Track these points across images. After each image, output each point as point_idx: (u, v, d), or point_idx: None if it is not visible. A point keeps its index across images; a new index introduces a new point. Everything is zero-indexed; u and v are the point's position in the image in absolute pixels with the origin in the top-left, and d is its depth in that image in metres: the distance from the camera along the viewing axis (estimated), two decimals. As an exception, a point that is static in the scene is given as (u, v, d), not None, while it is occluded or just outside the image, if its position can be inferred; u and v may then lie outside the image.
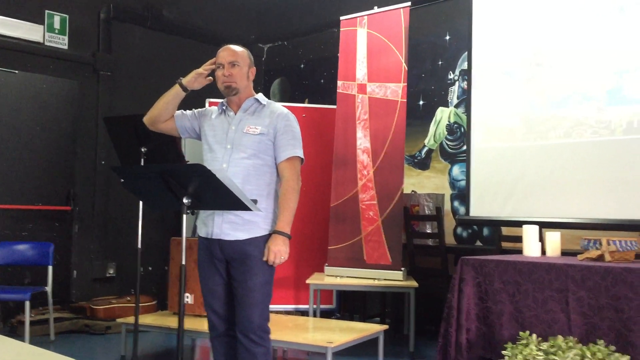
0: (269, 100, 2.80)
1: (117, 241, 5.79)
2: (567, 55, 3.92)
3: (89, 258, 5.64)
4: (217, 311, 2.68)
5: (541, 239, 3.41)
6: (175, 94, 2.79)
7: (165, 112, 2.81)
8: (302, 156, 2.70)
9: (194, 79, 2.75)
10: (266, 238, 2.61)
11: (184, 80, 2.77)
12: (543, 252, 3.34)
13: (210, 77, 2.76)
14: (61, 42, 5.52)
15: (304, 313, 4.99)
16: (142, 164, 3.58)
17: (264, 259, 2.58)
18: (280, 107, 2.76)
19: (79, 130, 5.65)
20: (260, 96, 2.77)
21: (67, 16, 5.56)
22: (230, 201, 2.39)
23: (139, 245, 3.81)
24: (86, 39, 5.72)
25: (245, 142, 2.64)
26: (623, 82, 3.66)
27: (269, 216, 2.64)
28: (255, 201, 2.53)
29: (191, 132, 2.86)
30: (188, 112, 2.88)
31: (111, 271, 5.73)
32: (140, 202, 3.71)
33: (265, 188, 2.64)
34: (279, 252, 2.56)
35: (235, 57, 2.70)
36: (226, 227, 2.61)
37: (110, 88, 5.85)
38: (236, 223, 2.60)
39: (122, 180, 2.51)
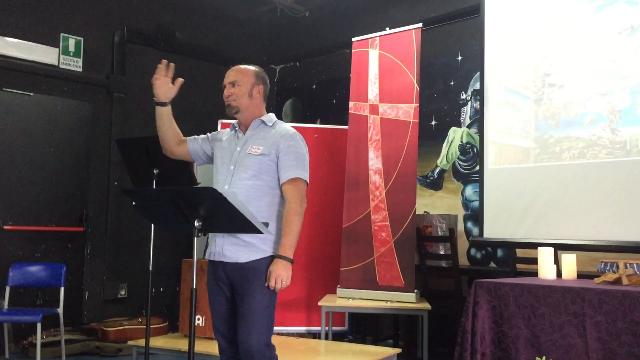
0: (278, 121, 2.76)
1: (128, 262, 5.79)
2: (578, 75, 3.90)
3: (100, 279, 5.64)
4: (223, 333, 2.65)
5: (557, 261, 3.36)
6: (158, 114, 2.77)
7: (165, 134, 2.80)
8: (306, 178, 2.63)
9: (157, 89, 2.71)
10: (267, 260, 2.56)
11: (155, 96, 2.74)
12: (559, 274, 3.29)
13: (174, 82, 2.72)
14: (76, 64, 5.59)
15: (315, 335, 4.93)
16: (154, 185, 3.58)
17: (266, 283, 2.53)
18: (286, 127, 2.72)
19: (92, 152, 5.69)
20: (267, 117, 2.74)
21: (81, 39, 5.63)
22: (241, 224, 2.37)
23: (151, 267, 3.80)
24: (100, 61, 5.78)
25: (247, 163, 2.62)
26: (636, 102, 3.62)
27: (270, 238, 2.59)
28: (266, 224, 2.51)
29: (203, 157, 2.85)
30: (201, 136, 2.88)
31: (123, 292, 5.72)
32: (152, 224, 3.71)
33: (267, 209, 2.61)
34: (279, 276, 2.51)
35: (235, 76, 2.70)
36: (227, 248, 2.59)
37: (124, 110, 5.89)
38: (237, 245, 2.58)
39: (134, 202, 2.51)
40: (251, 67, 2.75)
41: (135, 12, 6.05)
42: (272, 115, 2.77)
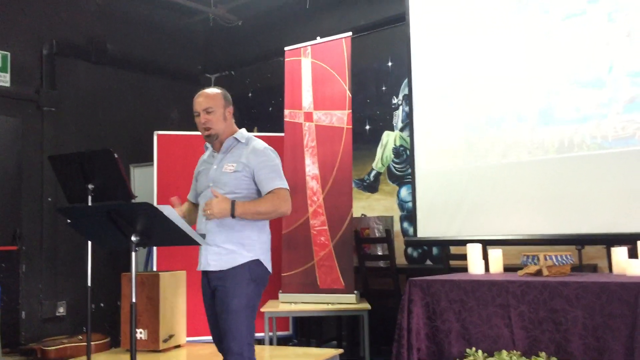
0: (250, 136, 2.92)
1: (66, 279, 5.68)
2: (498, 79, 4.12)
3: (37, 298, 5.51)
4: (218, 339, 2.80)
5: (486, 256, 3.54)
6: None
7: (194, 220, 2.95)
8: (284, 186, 2.81)
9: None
10: (248, 265, 2.71)
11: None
12: (488, 269, 3.47)
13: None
14: (3, 79, 5.45)
15: (260, 341, 4.98)
16: (89, 201, 3.56)
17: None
18: (257, 143, 2.87)
19: (24, 168, 5.56)
20: (239, 134, 2.89)
21: (8, 53, 5.49)
22: (178, 236, 2.42)
23: (89, 282, 3.77)
24: (29, 75, 5.65)
25: (224, 180, 2.78)
26: (553, 103, 3.86)
27: (252, 244, 2.75)
28: (203, 235, 2.58)
29: None
30: (193, 182, 3.01)
31: (61, 310, 5.60)
32: (89, 240, 3.68)
33: (248, 219, 2.74)
34: (210, 205, 2.64)
35: (208, 103, 2.82)
36: (211, 258, 2.74)
37: (55, 124, 5.78)
38: (219, 254, 2.73)
39: (69, 220, 2.51)
40: (218, 90, 2.90)
41: (64, 24, 5.94)
42: (244, 132, 2.93)
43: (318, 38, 5.01)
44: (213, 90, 2.89)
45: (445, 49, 4.43)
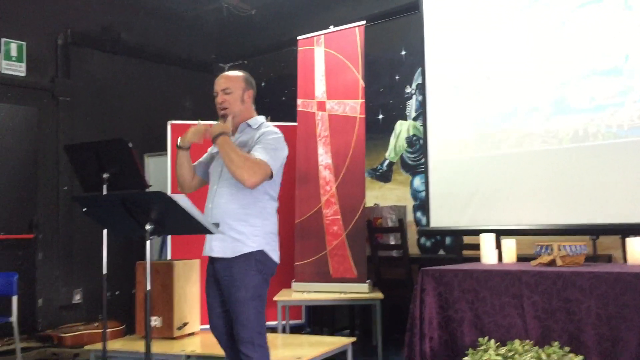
0: (264, 123, 2.85)
1: (82, 267, 5.75)
2: (512, 68, 4.08)
3: (54, 285, 5.58)
4: (215, 326, 2.79)
5: (499, 245, 3.53)
6: (179, 157, 2.84)
7: (185, 175, 2.87)
8: (270, 164, 2.65)
9: (193, 135, 2.79)
10: (253, 255, 2.66)
11: (181, 141, 2.82)
12: (501, 259, 3.46)
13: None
14: (19, 69, 5.50)
15: (273, 330, 5.02)
16: (104, 190, 3.59)
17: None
18: (267, 128, 2.79)
19: (40, 157, 5.62)
20: (253, 120, 2.83)
21: (24, 43, 5.54)
22: (192, 225, 2.44)
23: (104, 271, 3.81)
24: (44, 65, 5.70)
25: None
26: (567, 93, 3.83)
27: (256, 233, 2.69)
28: (217, 225, 2.59)
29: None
30: (203, 156, 2.96)
31: (77, 297, 5.68)
32: (104, 228, 3.71)
33: (252, 206, 2.70)
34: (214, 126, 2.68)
35: (227, 84, 2.80)
36: (215, 244, 2.70)
37: (70, 113, 5.83)
38: (224, 241, 2.68)
39: (84, 209, 2.54)
40: (240, 73, 2.86)
41: (79, 14, 5.98)
42: (259, 118, 2.87)
43: (331, 27, 5.00)
44: (235, 73, 2.86)
45: (459, 38, 4.40)
